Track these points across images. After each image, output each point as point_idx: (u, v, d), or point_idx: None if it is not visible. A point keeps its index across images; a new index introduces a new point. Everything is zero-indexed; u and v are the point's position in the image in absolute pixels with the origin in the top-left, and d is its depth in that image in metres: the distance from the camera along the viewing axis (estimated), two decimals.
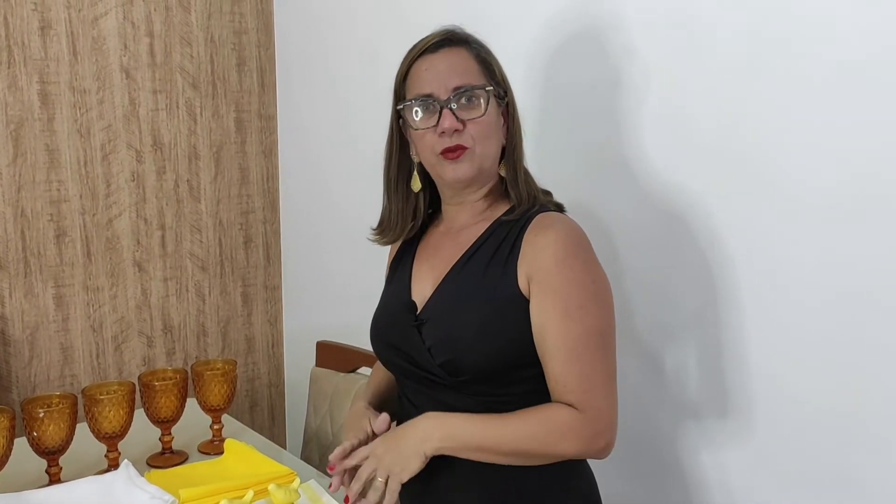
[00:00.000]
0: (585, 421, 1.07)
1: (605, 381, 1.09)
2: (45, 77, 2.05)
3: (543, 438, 1.07)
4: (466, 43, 1.17)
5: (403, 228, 1.26)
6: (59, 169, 2.09)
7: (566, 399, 1.09)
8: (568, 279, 1.09)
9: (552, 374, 1.10)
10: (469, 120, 1.12)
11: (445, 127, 1.12)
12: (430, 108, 1.14)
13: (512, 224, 1.16)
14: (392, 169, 1.24)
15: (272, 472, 1.40)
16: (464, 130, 1.12)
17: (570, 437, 1.07)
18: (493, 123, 1.15)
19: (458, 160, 1.13)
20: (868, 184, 1.11)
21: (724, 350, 1.31)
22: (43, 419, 1.36)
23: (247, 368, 2.50)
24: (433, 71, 1.14)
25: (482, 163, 1.15)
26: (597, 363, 1.08)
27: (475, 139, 1.13)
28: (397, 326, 1.20)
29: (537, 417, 1.09)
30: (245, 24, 2.36)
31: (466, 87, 1.13)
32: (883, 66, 1.08)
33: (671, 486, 1.42)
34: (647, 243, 1.40)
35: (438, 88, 1.13)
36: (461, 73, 1.13)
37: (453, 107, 1.12)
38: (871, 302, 1.12)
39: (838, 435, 1.18)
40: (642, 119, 1.37)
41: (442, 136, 1.13)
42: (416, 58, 1.17)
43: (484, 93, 1.13)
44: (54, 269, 2.11)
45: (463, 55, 1.15)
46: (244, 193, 2.42)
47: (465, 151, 1.13)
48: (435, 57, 1.15)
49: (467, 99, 1.13)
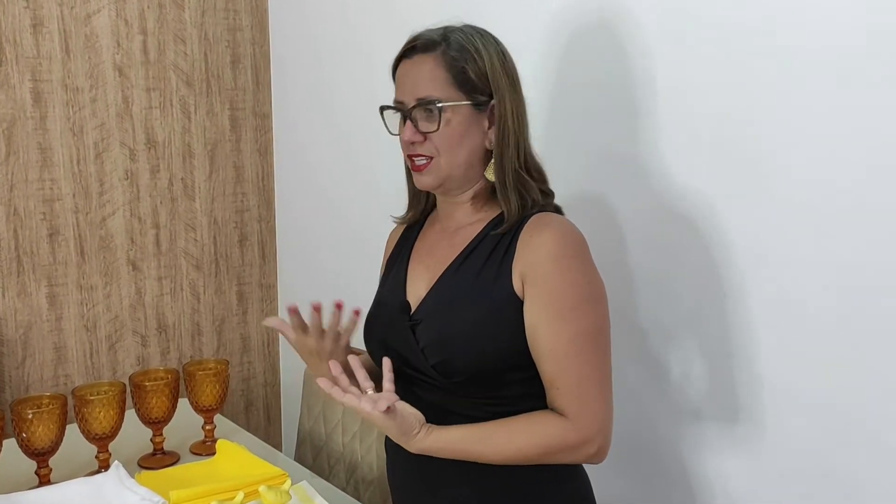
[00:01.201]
0: (573, 430, 1.07)
1: (597, 384, 1.08)
2: (38, 75, 2.04)
3: (530, 452, 1.08)
4: (442, 48, 1.12)
5: (416, 213, 1.28)
6: (52, 167, 2.08)
7: (558, 402, 1.08)
8: (562, 280, 1.07)
9: (545, 375, 1.09)
10: (428, 133, 1.13)
11: (405, 139, 1.14)
12: (399, 115, 1.15)
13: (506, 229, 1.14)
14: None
15: (264, 474, 1.39)
16: (425, 141, 1.13)
17: (558, 451, 1.08)
18: (457, 134, 1.12)
19: (422, 171, 1.14)
20: (873, 184, 1.10)
21: (728, 351, 1.30)
22: (32, 420, 1.35)
23: (242, 368, 2.49)
24: (404, 78, 1.15)
25: (449, 172, 1.14)
26: (589, 365, 1.07)
27: (438, 149, 1.13)
28: (391, 326, 1.19)
29: (525, 432, 1.09)
30: (239, 21, 2.35)
31: (424, 99, 1.12)
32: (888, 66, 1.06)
33: (671, 490, 1.41)
34: (653, 242, 1.39)
35: (406, 96, 1.14)
36: (425, 83, 1.12)
37: (416, 117, 1.13)
38: (874, 303, 1.11)
39: (843, 438, 1.17)
40: (651, 118, 1.36)
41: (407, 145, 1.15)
42: (399, 60, 1.17)
43: (435, 108, 1.11)
44: (47, 268, 2.10)
45: (430, 64, 1.12)
46: (239, 191, 2.40)
47: (430, 163, 1.14)
48: (407, 63, 1.15)
49: (427, 110, 1.12)
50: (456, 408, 1.14)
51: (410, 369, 1.16)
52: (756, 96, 1.21)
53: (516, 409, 1.12)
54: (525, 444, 1.08)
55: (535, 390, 1.12)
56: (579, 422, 1.07)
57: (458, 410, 1.14)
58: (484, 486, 1.14)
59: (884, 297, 1.10)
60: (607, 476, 1.35)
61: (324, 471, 1.74)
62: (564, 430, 1.07)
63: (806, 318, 1.19)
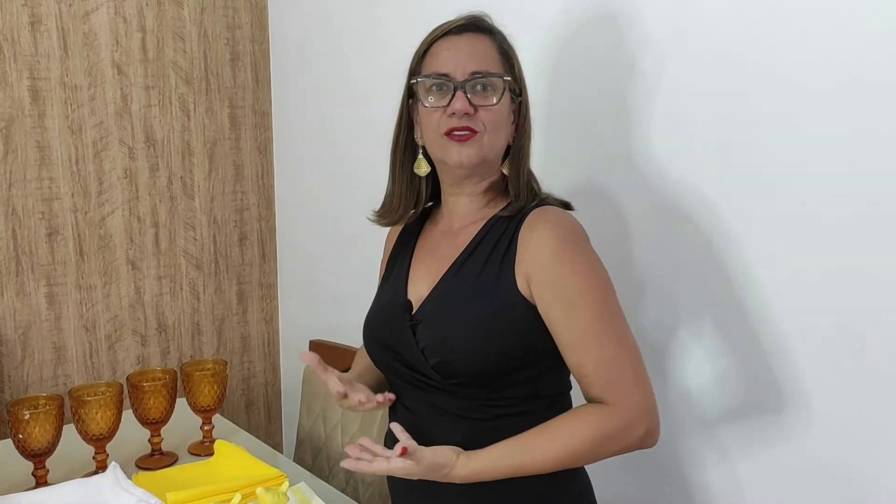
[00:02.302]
0: (614, 415, 1.04)
1: (626, 366, 1.06)
2: (36, 73, 2.02)
3: (577, 449, 1.04)
4: (491, 32, 1.16)
5: (405, 212, 1.24)
6: (51, 166, 2.07)
7: (593, 392, 1.06)
8: (566, 271, 1.06)
9: (573, 368, 1.08)
10: (481, 106, 1.10)
11: (456, 108, 1.09)
12: (444, 87, 1.11)
13: (508, 221, 1.13)
14: (399, 150, 1.22)
15: (261, 475, 1.38)
16: (474, 115, 1.10)
17: (604, 440, 1.04)
18: (504, 115, 1.13)
19: (466, 143, 1.11)
20: (876, 186, 1.08)
21: (730, 351, 1.29)
22: (28, 421, 1.34)
23: (242, 367, 2.48)
24: (454, 51, 1.12)
25: (488, 152, 1.13)
26: (613, 348, 1.05)
27: (486, 126, 1.11)
28: (391, 326, 1.18)
29: (567, 430, 1.05)
30: (239, 18, 2.33)
31: (484, 73, 1.11)
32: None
33: (674, 493, 1.40)
34: (655, 243, 1.37)
35: (456, 70, 1.11)
36: (481, 59, 1.11)
37: (467, 90, 1.10)
38: (878, 304, 1.10)
39: (848, 441, 1.15)
40: (651, 117, 1.34)
41: (451, 118, 1.10)
42: (438, 37, 1.15)
43: (501, 82, 1.12)
44: (46, 267, 2.09)
45: (486, 43, 1.14)
46: (238, 190, 2.39)
47: (475, 136, 1.11)
48: (458, 39, 1.13)
49: (483, 86, 1.11)
50: (456, 409, 1.13)
51: (410, 370, 1.15)
52: (759, 98, 1.20)
53: (518, 410, 1.11)
54: (570, 443, 1.04)
55: (538, 390, 1.11)
56: (617, 405, 1.04)
57: (459, 412, 1.12)
58: (484, 491, 1.11)
59: (887, 299, 1.08)
60: (608, 477, 1.33)
61: (323, 471, 1.73)
62: (604, 417, 1.04)
63: (810, 317, 1.17)
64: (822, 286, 1.15)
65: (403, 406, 1.20)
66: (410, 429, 1.10)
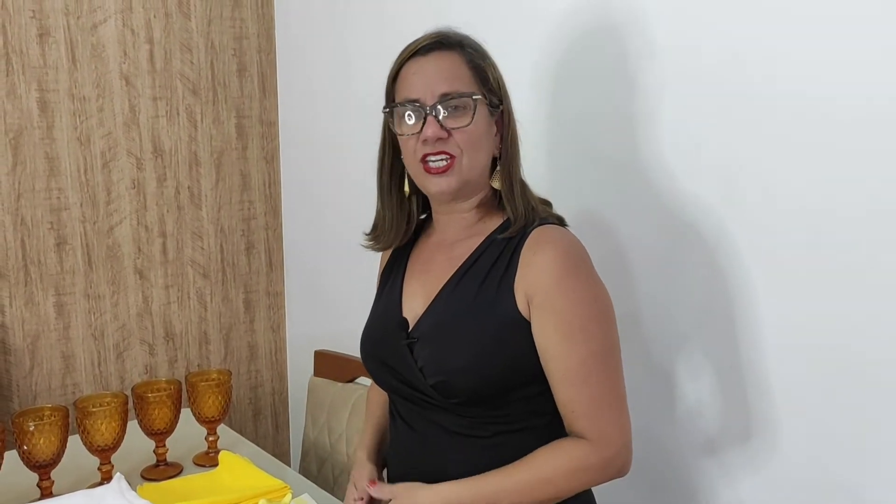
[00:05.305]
0: (595, 451, 1.05)
1: (613, 403, 1.06)
2: (45, 85, 2.04)
3: (558, 480, 1.05)
4: (460, 47, 1.11)
5: (398, 234, 1.22)
6: (59, 177, 2.08)
7: (576, 426, 1.06)
8: (568, 300, 1.05)
9: (559, 398, 1.07)
10: (455, 129, 1.08)
11: (428, 135, 1.07)
12: (416, 113, 1.09)
13: (507, 240, 1.11)
14: (385, 173, 1.21)
15: (265, 486, 1.38)
16: (449, 139, 1.08)
17: (583, 474, 1.06)
18: (480, 133, 1.10)
19: (444, 174, 1.09)
20: (879, 191, 1.08)
21: (735, 361, 1.28)
22: (34, 432, 1.35)
23: (250, 376, 2.48)
24: (421, 75, 1.09)
25: (469, 175, 1.10)
26: (603, 385, 1.05)
27: (462, 148, 1.08)
28: (388, 344, 1.16)
29: (548, 461, 1.06)
30: (246, 29, 2.35)
31: (454, 93, 1.08)
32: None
33: (677, 502, 1.39)
34: (658, 251, 1.36)
35: (425, 94, 1.08)
36: (450, 79, 1.08)
37: (439, 114, 1.07)
38: (883, 309, 1.08)
39: (853, 449, 1.14)
40: (655, 127, 1.34)
41: (425, 144, 1.08)
42: (405, 60, 1.12)
43: (471, 101, 1.08)
44: (55, 277, 2.10)
45: (454, 60, 1.10)
46: (245, 199, 2.40)
47: (452, 163, 1.08)
48: (424, 60, 1.10)
49: (454, 107, 1.08)
50: (457, 426, 1.12)
51: (409, 388, 1.14)
52: (759, 104, 1.19)
53: (518, 427, 1.11)
54: (552, 473, 1.05)
55: (537, 407, 1.10)
56: (600, 443, 1.05)
57: (459, 429, 1.12)
58: None
59: (891, 302, 1.07)
60: (614, 487, 1.32)
61: (328, 481, 1.73)
62: (586, 452, 1.05)
63: (816, 326, 1.16)
64: (830, 294, 1.14)
65: (404, 422, 1.19)
66: (412, 445, 1.10)
